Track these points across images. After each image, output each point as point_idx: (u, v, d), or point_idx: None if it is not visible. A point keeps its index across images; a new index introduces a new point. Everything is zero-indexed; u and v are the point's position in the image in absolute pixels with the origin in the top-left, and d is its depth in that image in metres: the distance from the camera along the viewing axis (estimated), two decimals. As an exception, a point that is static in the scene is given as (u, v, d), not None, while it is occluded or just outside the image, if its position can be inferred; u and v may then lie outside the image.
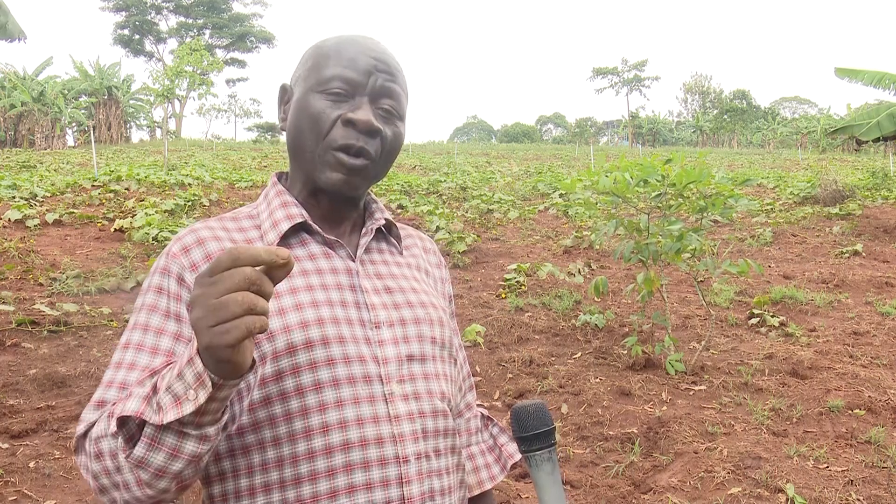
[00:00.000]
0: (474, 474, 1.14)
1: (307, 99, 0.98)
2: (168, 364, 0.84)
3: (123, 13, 53.72)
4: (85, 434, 0.87)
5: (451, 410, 1.03)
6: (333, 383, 0.91)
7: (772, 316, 5.99)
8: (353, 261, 1.01)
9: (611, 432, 3.84)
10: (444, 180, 15.00)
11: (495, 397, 4.40)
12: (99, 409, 0.88)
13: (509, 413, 0.98)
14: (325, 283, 0.97)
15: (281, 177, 1.09)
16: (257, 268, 0.71)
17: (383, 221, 1.07)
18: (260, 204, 1.06)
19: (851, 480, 3.24)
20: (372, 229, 1.05)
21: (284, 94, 1.05)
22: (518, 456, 1.19)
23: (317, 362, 0.91)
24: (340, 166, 0.97)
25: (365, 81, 0.97)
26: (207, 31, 55.55)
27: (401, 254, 1.09)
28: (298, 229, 1.00)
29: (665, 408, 4.13)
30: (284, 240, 0.99)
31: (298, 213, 1.00)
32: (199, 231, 0.98)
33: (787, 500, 3.06)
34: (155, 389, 0.77)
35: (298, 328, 0.91)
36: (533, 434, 0.94)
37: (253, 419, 0.91)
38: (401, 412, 0.94)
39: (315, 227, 1.00)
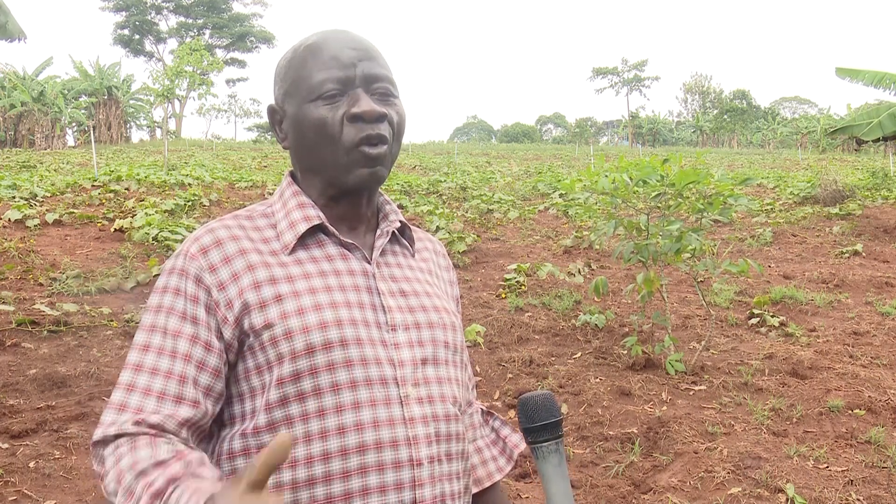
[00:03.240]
0: (482, 467, 1.15)
1: (304, 112, 0.97)
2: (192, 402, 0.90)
3: (123, 13, 53.69)
4: (103, 441, 0.88)
5: (461, 415, 1.03)
6: (351, 385, 0.91)
7: (772, 316, 5.99)
8: (369, 263, 1.01)
9: (611, 432, 3.84)
10: (444, 180, 14.99)
11: (495, 397, 4.40)
12: (121, 413, 0.88)
13: (517, 403, 0.98)
14: (342, 284, 0.97)
15: (294, 176, 1.08)
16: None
17: (398, 224, 1.07)
18: (275, 203, 1.05)
19: (851, 480, 3.24)
20: (388, 231, 1.05)
21: (275, 114, 1.05)
22: (523, 445, 1.19)
23: (335, 364, 0.91)
24: (367, 160, 0.96)
25: (353, 74, 0.97)
26: (207, 31, 55.51)
27: (413, 256, 1.10)
28: (315, 230, 1.00)
29: (665, 408, 4.13)
30: (301, 240, 0.99)
31: (315, 215, 1.00)
32: (217, 231, 0.98)
33: (787, 500, 3.06)
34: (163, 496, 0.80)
35: (317, 329, 0.91)
36: (540, 425, 0.93)
37: (269, 419, 0.91)
38: (415, 415, 0.94)
39: (332, 229, 1.00)
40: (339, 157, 0.97)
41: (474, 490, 1.12)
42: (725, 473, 3.28)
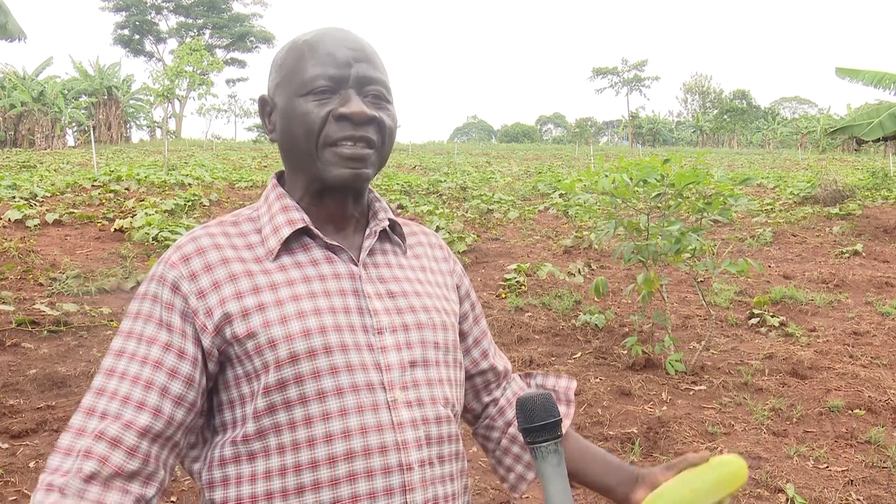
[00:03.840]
0: None
1: (293, 105, 0.96)
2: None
3: (123, 13, 53.72)
4: (54, 471, 0.85)
5: (454, 416, 1.02)
6: (337, 392, 0.90)
7: (772, 316, 5.99)
8: (356, 264, 0.99)
9: (611, 432, 3.84)
10: (444, 180, 15.00)
11: (495, 397, 4.40)
12: (79, 438, 0.86)
13: (516, 403, 0.98)
14: (327, 289, 0.95)
15: (280, 177, 1.06)
16: None
17: (387, 223, 1.05)
18: (260, 206, 1.03)
19: (851, 480, 3.24)
20: (376, 231, 1.03)
21: (265, 105, 1.03)
22: (574, 384, 1.20)
23: (320, 371, 0.90)
24: (345, 160, 0.95)
25: (347, 74, 0.95)
26: (207, 31, 55.54)
27: (404, 254, 1.07)
28: (301, 233, 0.99)
29: (665, 408, 4.13)
30: (286, 245, 0.97)
31: (300, 218, 0.98)
32: (200, 239, 0.96)
33: (787, 500, 3.06)
34: None
35: (301, 337, 0.90)
36: (539, 425, 0.93)
37: (258, 427, 0.90)
38: (404, 419, 0.93)
39: (316, 231, 0.98)
40: (319, 153, 0.95)
41: None
42: (725, 473, 3.28)
